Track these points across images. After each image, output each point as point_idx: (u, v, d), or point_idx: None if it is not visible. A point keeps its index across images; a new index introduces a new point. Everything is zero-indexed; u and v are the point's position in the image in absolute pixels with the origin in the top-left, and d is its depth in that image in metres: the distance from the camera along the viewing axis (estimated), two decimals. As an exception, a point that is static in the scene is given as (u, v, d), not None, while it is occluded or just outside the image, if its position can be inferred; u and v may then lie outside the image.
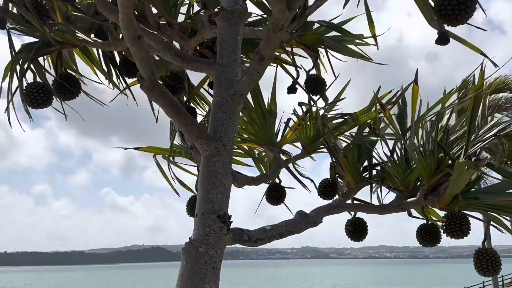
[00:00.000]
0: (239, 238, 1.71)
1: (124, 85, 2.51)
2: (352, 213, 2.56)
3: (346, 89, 2.76)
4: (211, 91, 2.51)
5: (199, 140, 1.70)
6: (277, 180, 2.88)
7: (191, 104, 2.77)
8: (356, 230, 2.49)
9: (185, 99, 2.75)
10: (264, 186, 2.94)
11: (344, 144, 2.67)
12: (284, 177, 2.92)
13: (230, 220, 1.70)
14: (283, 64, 2.73)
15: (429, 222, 2.35)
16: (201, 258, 1.61)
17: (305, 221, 1.97)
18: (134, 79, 2.52)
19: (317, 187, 2.68)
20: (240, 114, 2.72)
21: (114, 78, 2.55)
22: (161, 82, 2.35)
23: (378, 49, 2.42)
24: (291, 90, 2.64)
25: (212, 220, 1.65)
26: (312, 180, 2.83)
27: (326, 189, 2.62)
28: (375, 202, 2.60)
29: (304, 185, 2.94)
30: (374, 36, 2.20)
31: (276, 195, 2.83)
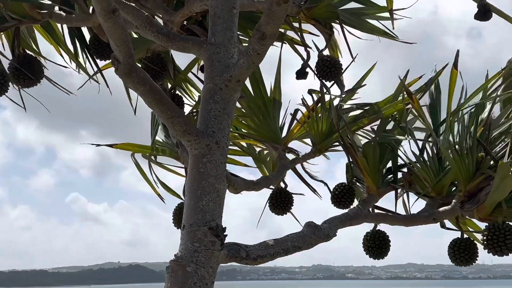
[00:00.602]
0: (236, 255, 1.73)
1: (95, 69, 2.52)
2: (373, 225, 2.58)
3: (370, 73, 2.77)
4: (202, 77, 2.52)
5: (187, 136, 1.71)
6: (282, 185, 2.89)
7: (177, 92, 2.79)
8: (376, 246, 2.51)
9: (169, 86, 2.77)
10: (266, 192, 2.96)
11: (363, 141, 2.68)
12: (291, 180, 2.94)
13: (225, 234, 1.71)
14: (290, 43, 2.74)
15: (464, 236, 2.36)
16: (189, 280, 1.62)
17: (315, 234, 1.98)
18: (108, 61, 2.53)
19: (331, 193, 2.70)
20: (237, 104, 2.75)
21: (83, 61, 2.56)
22: (140, 66, 2.36)
23: (393, 28, 2.42)
24: (301, 74, 2.65)
25: (203, 233, 1.67)
26: (325, 184, 2.84)
27: (341, 195, 2.64)
28: (400, 211, 2.61)
29: (314, 191, 2.95)
30: (390, 11, 2.21)
31: (280, 202, 2.85)
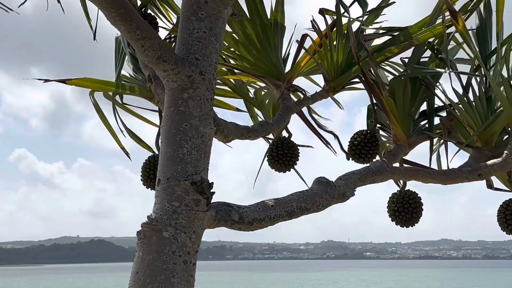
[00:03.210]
0: (226, 218, 1.73)
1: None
2: (401, 183, 2.59)
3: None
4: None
5: (162, 64, 1.69)
6: (284, 133, 2.89)
7: (149, 12, 2.74)
8: (405, 209, 2.53)
9: (139, 3, 2.72)
10: (264, 143, 2.96)
11: (391, 77, 2.66)
12: (296, 128, 2.93)
13: (212, 191, 1.71)
14: None
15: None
16: (166, 247, 1.63)
17: (328, 193, 1.99)
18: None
19: (348, 144, 2.70)
20: (227, 27, 2.71)
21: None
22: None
23: None
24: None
25: (184, 189, 1.67)
26: (335, 135, 2.83)
27: (361, 146, 2.64)
28: (436, 166, 2.62)
29: (326, 142, 2.95)
30: None
31: (282, 155, 2.85)
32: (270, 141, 2.92)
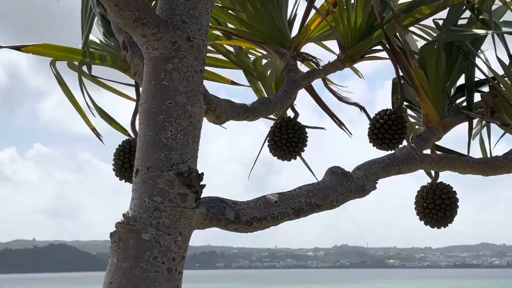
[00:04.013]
0: (219, 217, 1.75)
1: None
2: (432, 173, 2.60)
3: None
4: None
5: (141, 27, 1.69)
6: (290, 113, 2.89)
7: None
8: (437, 206, 2.54)
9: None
10: (265, 125, 2.97)
11: (421, 44, 2.66)
12: (305, 106, 2.94)
13: (202, 183, 1.72)
14: None
15: None
16: (146, 252, 1.64)
17: (344, 186, 2.00)
18: None
19: (369, 125, 2.71)
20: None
21: None
22: None
23: None
24: None
25: (167, 181, 1.68)
26: (362, 107, 2.82)
27: (385, 129, 2.65)
28: (476, 153, 2.63)
29: (341, 124, 2.96)
30: None
31: (286, 140, 2.86)
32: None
